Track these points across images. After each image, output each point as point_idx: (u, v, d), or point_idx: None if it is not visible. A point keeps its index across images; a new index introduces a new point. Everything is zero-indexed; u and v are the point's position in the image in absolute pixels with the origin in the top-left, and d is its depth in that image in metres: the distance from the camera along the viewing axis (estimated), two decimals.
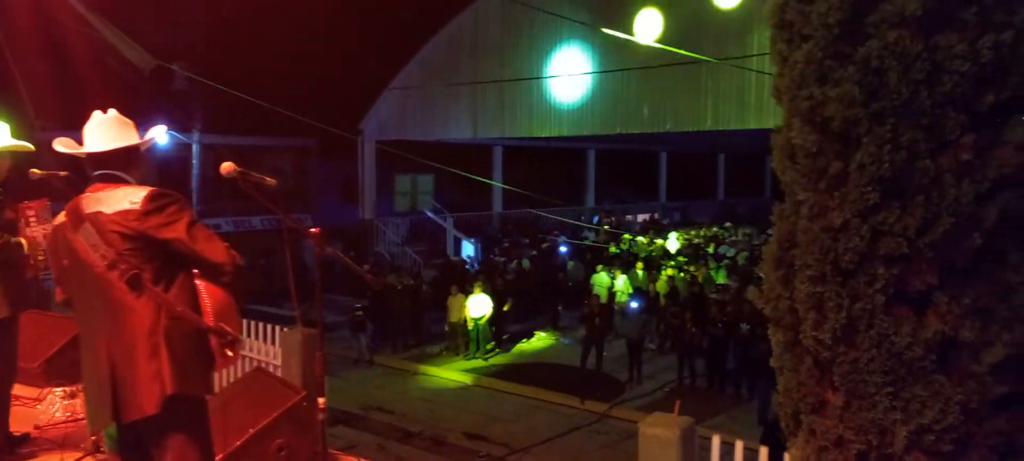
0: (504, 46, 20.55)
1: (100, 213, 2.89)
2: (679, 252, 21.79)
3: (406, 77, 22.58)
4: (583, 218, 27.90)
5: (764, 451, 5.91)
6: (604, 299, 16.22)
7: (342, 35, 23.06)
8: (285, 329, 7.85)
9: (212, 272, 2.99)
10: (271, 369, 8.33)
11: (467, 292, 16.20)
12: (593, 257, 21.17)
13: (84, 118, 3.15)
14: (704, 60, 15.57)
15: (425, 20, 22.20)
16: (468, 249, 22.66)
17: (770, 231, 4.78)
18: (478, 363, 15.57)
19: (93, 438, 4.69)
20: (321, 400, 3.70)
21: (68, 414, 5.41)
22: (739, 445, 6.04)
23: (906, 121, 3.81)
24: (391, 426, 12.32)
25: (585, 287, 17.78)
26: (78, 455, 4.66)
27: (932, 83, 3.75)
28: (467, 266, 20.85)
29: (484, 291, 16.21)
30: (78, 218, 2.96)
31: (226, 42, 20.75)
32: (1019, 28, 3.80)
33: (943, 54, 3.74)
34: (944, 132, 3.79)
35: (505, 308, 16.06)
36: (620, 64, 17.80)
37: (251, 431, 4.48)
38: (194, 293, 3.00)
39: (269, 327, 9.13)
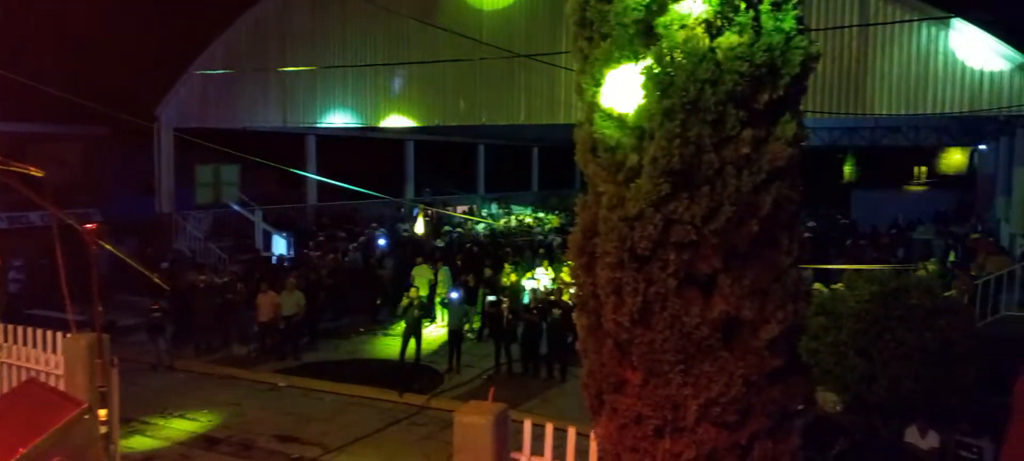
0: (316, 32, 19.89)
1: None
2: (501, 243, 22.23)
3: (208, 61, 21.21)
4: (403, 210, 27.68)
5: (572, 431, 6.17)
6: (424, 292, 16.21)
7: (136, 14, 21.29)
8: (67, 335, 7.13)
9: None
10: (53, 380, 7.55)
11: (279, 289, 15.55)
12: (413, 250, 21.09)
13: None
14: (517, 56, 15.96)
15: (228, 2, 20.99)
16: (280, 244, 21.74)
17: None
18: (290, 363, 15.00)
19: None
20: (102, 412, 3.38)
21: None
22: (549, 427, 6.27)
23: (693, 117, 4.11)
24: (194, 434, 11.57)
25: (404, 280, 17.67)
26: None
27: (716, 82, 4.07)
28: (275, 262, 20.03)
29: (298, 287, 15.64)
30: None
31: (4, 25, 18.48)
32: (788, 34, 4.20)
33: (725, 55, 4.07)
34: (726, 128, 4.13)
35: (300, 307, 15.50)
36: (438, 56, 17.82)
37: (21, 451, 4.01)
38: None
39: (49, 334, 8.25)
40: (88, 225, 3.02)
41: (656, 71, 4.15)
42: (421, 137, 29.03)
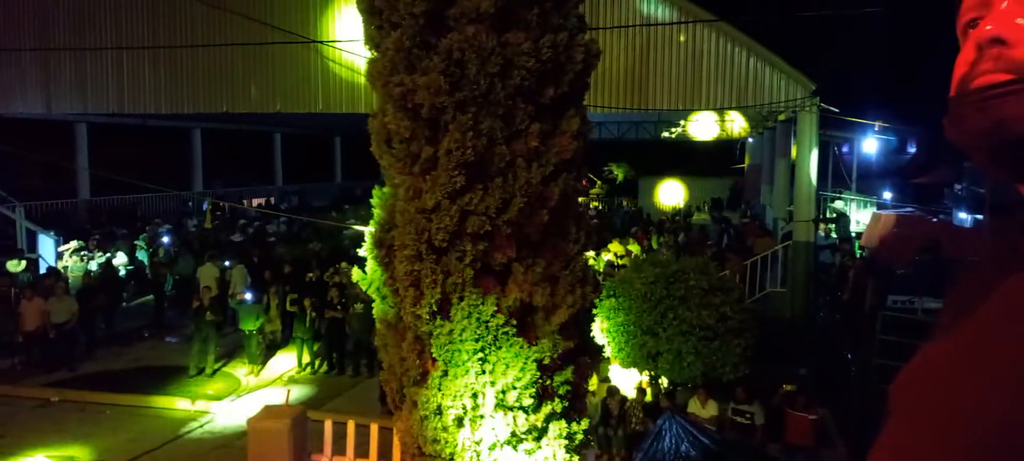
0: (84, 8, 18.02)
1: None
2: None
3: None
4: (191, 203, 25.89)
5: (375, 427, 6.11)
6: (214, 291, 15.25)
7: None
8: None
9: None
10: None
11: (46, 295, 13.97)
12: (202, 246, 19.78)
13: None
14: (310, 42, 15.45)
15: None
16: (47, 244, 19.54)
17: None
18: (64, 374, 13.55)
19: None
20: None
21: None
22: (351, 425, 6.16)
23: (485, 110, 4.19)
24: None
25: (193, 279, 16.53)
26: None
27: (505, 76, 4.17)
28: (42, 264, 18.00)
29: (69, 292, 14.16)
30: None
31: None
32: (571, 31, 4.40)
33: (513, 50, 4.19)
34: (516, 121, 4.25)
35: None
36: (224, 38, 16.80)
37: None
38: None
39: None
40: None
41: (448, 64, 4.18)
42: (209, 125, 27.28)
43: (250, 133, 30.95)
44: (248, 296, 14.44)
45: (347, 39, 15.54)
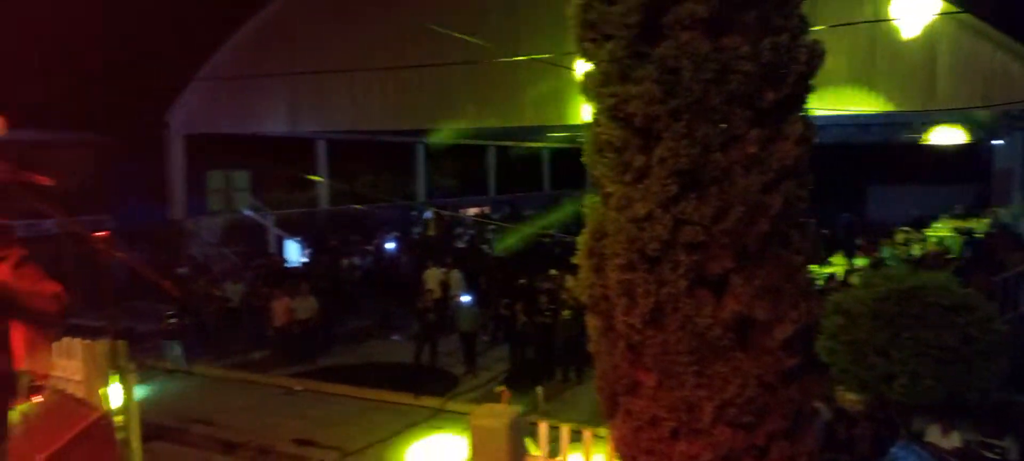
0: (322, 35, 19.95)
1: None
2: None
3: (216, 66, 21.31)
4: (413, 213, 27.74)
5: (588, 433, 6.17)
6: (437, 295, 16.21)
7: (146, 17, 21.42)
8: (85, 342, 7.20)
9: (34, 317, 2.63)
10: (71, 386, 7.62)
11: (293, 294, 15.62)
12: (423, 253, 21.11)
13: None
14: (525, 58, 15.95)
15: (235, 4, 21.07)
16: (293, 249, 21.84)
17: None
18: (306, 366, 15.06)
19: None
20: (118, 418, 3.42)
21: None
22: (565, 429, 6.28)
23: (700, 117, 4.10)
24: (213, 438, 11.62)
25: (417, 283, 17.68)
26: None
27: (720, 82, 4.06)
28: (290, 266, 20.12)
29: (311, 292, 15.71)
30: None
31: (11, 32, 18.64)
32: (793, 31, 4.19)
33: (729, 55, 4.06)
34: (732, 128, 4.12)
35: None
36: (442, 57, 17.83)
37: (40, 457, 4.04)
38: (5, 332, 2.63)
39: (67, 340, 8.33)
40: (98, 233, 3.04)
41: (662, 72, 4.14)
42: (429, 140, 29.08)
43: (465, 146, 32.57)
44: (466, 299, 15.18)
45: (559, 53, 15.88)
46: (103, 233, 3.02)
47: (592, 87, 4.53)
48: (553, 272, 16.21)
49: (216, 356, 15.74)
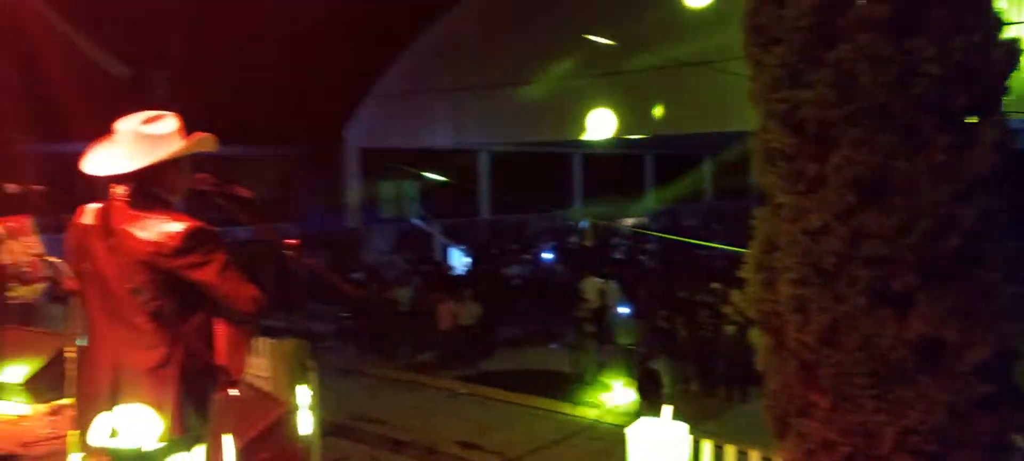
0: (484, 51, 20.55)
1: (132, 236, 2.81)
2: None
3: (388, 83, 22.52)
4: (570, 223, 27.90)
5: (756, 454, 5.93)
6: (595, 304, 16.20)
7: (325, 41, 23.01)
8: (273, 341, 7.81)
9: (234, 317, 2.94)
10: (260, 382, 8.31)
11: (457, 300, 16.17)
12: (580, 262, 21.18)
13: (62, 130, 3.06)
14: (684, 63, 15.64)
15: (408, 25, 22.16)
16: (457, 256, 22.64)
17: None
18: (469, 371, 15.53)
19: (82, 454, 4.64)
20: (308, 411, 3.70)
21: (51, 431, 5.37)
22: (730, 450, 6.07)
23: (880, 123, 3.85)
24: (382, 436, 12.24)
25: (575, 292, 17.76)
26: None
27: (904, 85, 3.79)
28: (454, 273, 20.83)
29: (474, 298, 16.19)
30: (108, 229, 2.88)
31: (207, 51, 20.65)
32: (988, 29, 3.84)
33: (914, 57, 3.79)
34: (918, 134, 3.84)
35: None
36: (602, 68, 17.84)
37: (235, 447, 4.44)
38: (210, 330, 2.95)
39: (258, 340, 9.09)
40: (290, 240, 3.31)
41: (837, 76, 3.94)
42: (588, 151, 29.16)
43: (622, 156, 32.37)
44: (624, 310, 15.07)
45: (721, 58, 15.45)
46: (294, 240, 3.28)
47: (760, 93, 4.38)
48: (715, 285, 15.72)
49: (386, 357, 16.57)
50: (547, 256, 22.70)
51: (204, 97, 14.06)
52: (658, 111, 17.72)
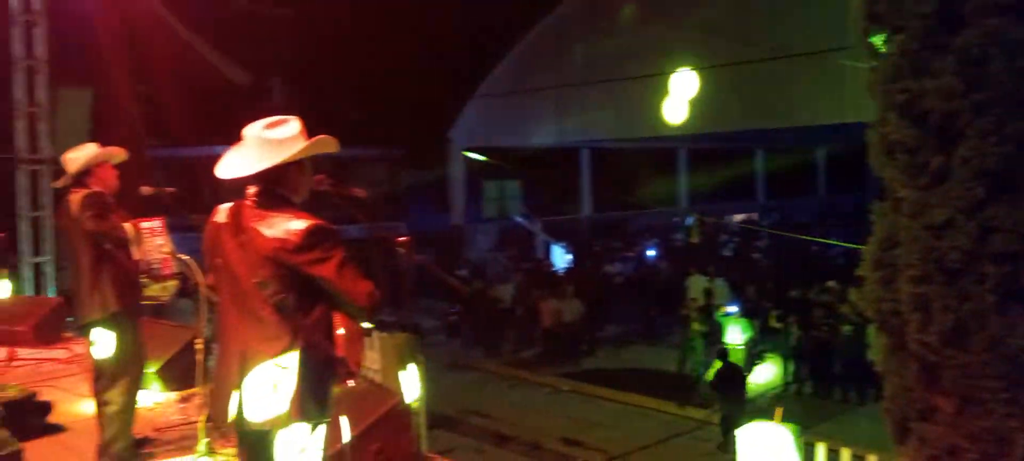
0: (586, 48, 20.49)
1: (259, 233, 2.97)
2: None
3: (492, 84, 22.83)
4: (675, 220, 27.43)
5: (873, 459, 5.69)
6: (701, 303, 15.89)
7: (431, 46, 23.57)
8: (383, 335, 8.07)
9: (351, 311, 3.07)
10: (371, 374, 8.60)
11: (559, 297, 16.22)
12: (685, 260, 20.80)
13: (189, 135, 3.25)
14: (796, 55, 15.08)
15: (511, 27, 22.39)
16: (558, 253, 22.69)
17: None
18: (571, 368, 15.55)
19: (208, 439, 4.95)
20: (416, 404, 3.80)
21: (182, 417, 5.74)
22: (846, 454, 5.84)
23: (1011, 112, 3.61)
24: (487, 430, 12.45)
25: (679, 291, 17.46)
26: (193, 456, 4.93)
27: None
28: (557, 271, 20.88)
29: (576, 295, 16.19)
30: (238, 226, 3.05)
31: (319, 57, 21.53)
32: None
33: None
34: None
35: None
36: (704, 61, 17.43)
37: (349, 436, 4.62)
38: (330, 324, 3.10)
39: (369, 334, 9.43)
40: (400, 238, 3.41)
41: (964, 63, 3.72)
42: (694, 146, 28.56)
43: (729, 150, 31.47)
44: (732, 309, 14.71)
45: (837, 47, 14.81)
46: (404, 238, 3.37)
47: (879, 83, 4.18)
48: (831, 284, 15.11)
49: (490, 353, 16.82)
50: (650, 253, 22.41)
51: (316, 101, 14.67)
52: (769, 102, 17.15)
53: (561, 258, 22.61)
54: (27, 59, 10.83)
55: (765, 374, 14.40)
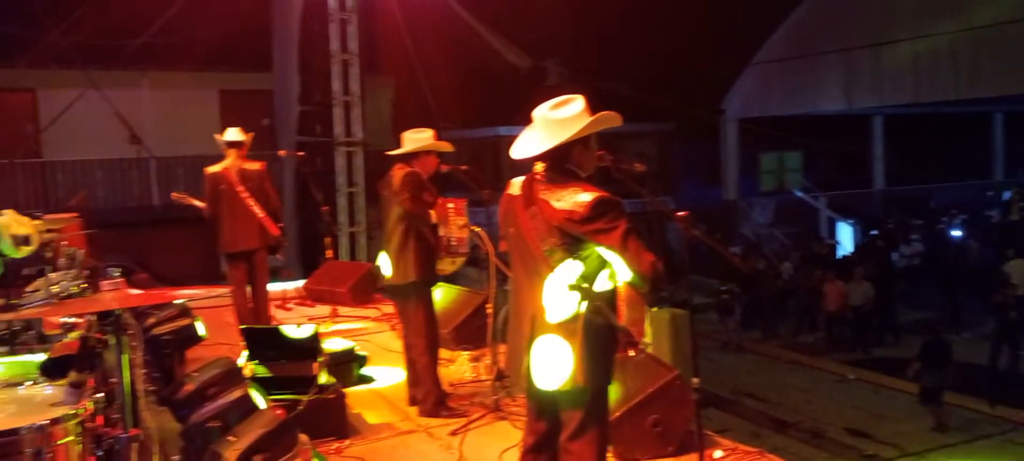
0: (880, 4, 18.54)
1: (548, 205, 3.17)
2: None
3: (769, 51, 21.63)
4: (989, 194, 24.00)
5: None
6: (1021, 290, 13.77)
7: (704, 15, 22.89)
8: (654, 309, 8.08)
9: (634, 281, 3.15)
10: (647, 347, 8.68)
11: (847, 279, 15.03)
12: (1002, 240, 18.12)
13: (474, 117, 3.46)
14: None
15: None
16: (845, 232, 20.98)
17: None
18: (859, 355, 14.37)
19: (495, 398, 5.32)
20: (695, 380, 3.77)
21: (474, 375, 6.22)
22: None
23: None
24: (764, 414, 11.95)
25: (994, 274, 15.28)
26: (483, 413, 5.32)
27: None
28: (840, 249, 19.35)
29: (866, 278, 14.88)
30: (530, 198, 3.27)
31: (593, 35, 21.86)
32: None
33: None
34: None
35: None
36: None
37: (627, 406, 4.71)
38: (614, 293, 3.21)
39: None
40: (679, 212, 3.39)
41: None
42: (1013, 109, 24.67)
43: None
44: None
45: None
46: (683, 212, 3.35)
47: None
48: None
49: (766, 334, 16.08)
50: (956, 232, 19.88)
51: (589, 79, 14.96)
52: None
53: (848, 236, 20.89)
54: (342, 53, 12.35)
55: None
